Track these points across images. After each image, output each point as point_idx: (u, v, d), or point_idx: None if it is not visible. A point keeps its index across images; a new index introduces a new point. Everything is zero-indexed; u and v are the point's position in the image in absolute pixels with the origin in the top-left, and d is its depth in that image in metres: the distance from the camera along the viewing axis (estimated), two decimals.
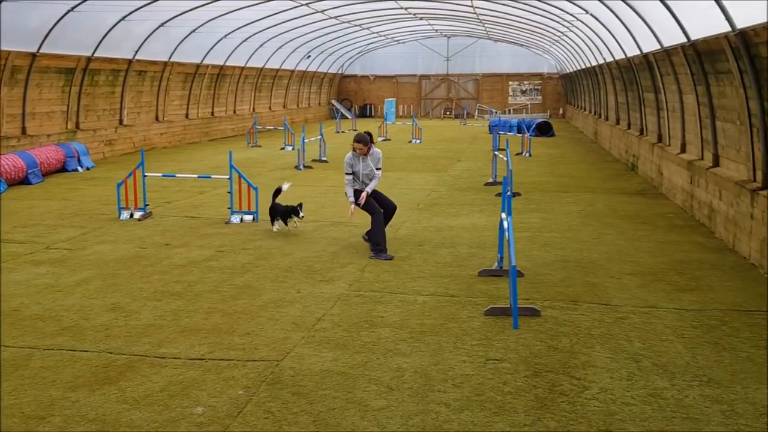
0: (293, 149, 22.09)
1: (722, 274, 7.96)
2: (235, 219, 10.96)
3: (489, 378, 5.22)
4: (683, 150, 12.68)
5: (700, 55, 10.63)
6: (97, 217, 11.42)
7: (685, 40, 10.98)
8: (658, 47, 13.01)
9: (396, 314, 6.67)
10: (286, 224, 10.37)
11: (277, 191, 10.60)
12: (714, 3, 8.66)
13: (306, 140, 19.17)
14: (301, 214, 10.29)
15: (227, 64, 27.34)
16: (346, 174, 8.92)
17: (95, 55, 18.95)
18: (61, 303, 7.01)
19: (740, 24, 8.39)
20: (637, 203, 12.69)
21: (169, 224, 10.89)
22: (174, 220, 11.19)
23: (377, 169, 8.97)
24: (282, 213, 10.37)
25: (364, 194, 8.85)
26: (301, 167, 17.79)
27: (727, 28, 8.70)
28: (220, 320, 6.50)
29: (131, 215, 11.23)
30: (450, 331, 6.22)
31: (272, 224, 10.45)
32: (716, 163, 10.53)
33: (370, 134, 9.01)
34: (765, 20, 7.58)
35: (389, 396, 4.91)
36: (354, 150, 8.87)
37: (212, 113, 27.83)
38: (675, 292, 7.30)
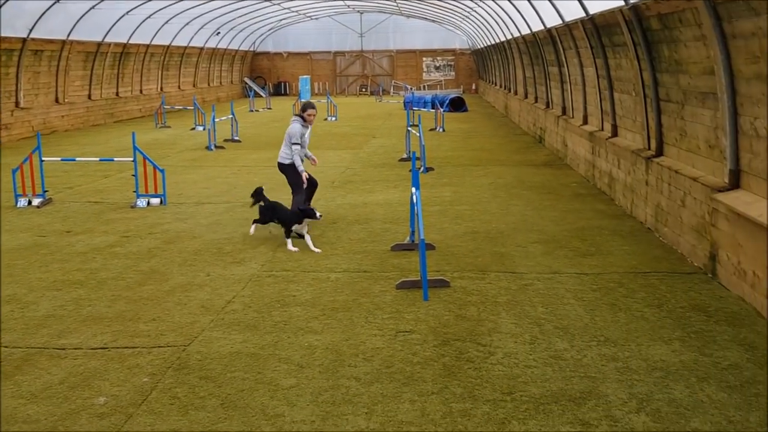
0: (204, 129, 21.49)
1: (620, 239, 8.36)
2: (142, 203, 10.59)
3: (399, 350, 5.29)
4: (585, 122, 13.16)
5: (598, 29, 11.01)
6: None
7: (584, 14, 11.34)
8: (560, 22, 13.39)
9: (308, 292, 6.65)
10: (298, 234, 8.12)
11: (260, 190, 8.77)
12: None
13: (217, 120, 18.70)
14: (318, 214, 8.23)
15: (131, 42, 26.19)
16: (294, 144, 8.87)
17: None
18: None
19: None
20: (543, 174, 13.12)
21: (70, 210, 10.40)
22: (76, 206, 10.70)
23: None
24: (289, 218, 8.13)
25: (305, 175, 8.99)
26: (213, 147, 17.35)
27: (621, 2, 9.03)
28: (125, 307, 6.29)
29: (29, 202, 10.65)
30: (362, 306, 6.26)
31: (252, 227, 8.53)
32: (615, 133, 10.99)
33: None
34: None
35: (299, 374, 4.91)
36: (305, 119, 8.95)
37: (117, 93, 26.65)
38: (577, 258, 7.61)
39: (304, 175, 9.01)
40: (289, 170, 9.10)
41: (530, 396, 4.52)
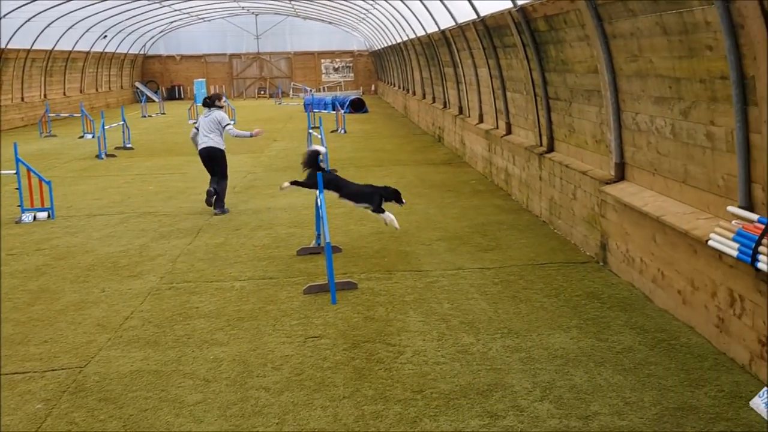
0: (93, 137, 20.46)
1: (518, 233, 8.66)
2: (27, 217, 9.94)
3: (309, 356, 5.24)
4: (481, 120, 13.55)
5: (489, 31, 11.36)
6: None
7: (476, 16, 11.67)
8: (454, 24, 13.72)
9: (212, 303, 6.46)
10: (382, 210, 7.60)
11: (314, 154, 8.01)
12: None
13: (107, 126, 17.85)
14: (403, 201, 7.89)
15: (9, 47, 24.55)
16: (228, 125, 10.26)
17: None
18: None
19: (520, 1, 9.06)
20: (443, 172, 13.39)
21: None
22: None
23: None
24: (385, 195, 7.56)
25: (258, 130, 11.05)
26: (103, 156, 16.55)
27: (509, 4, 9.36)
28: (13, 330, 5.88)
29: None
30: (269, 314, 6.15)
31: (287, 184, 7.86)
32: (509, 131, 11.39)
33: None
34: None
35: (206, 389, 4.75)
36: (221, 107, 10.46)
37: None
38: (478, 253, 7.82)
39: (258, 131, 10.96)
40: (220, 157, 10.22)
41: (440, 392, 4.59)
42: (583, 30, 7.38)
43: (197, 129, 10.27)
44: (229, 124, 10.25)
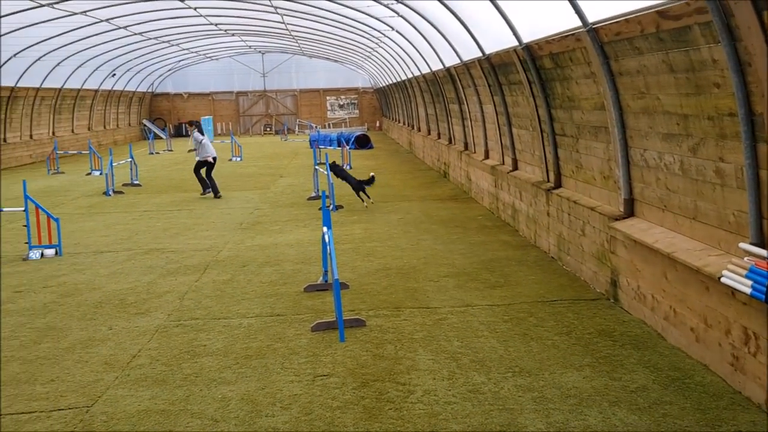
0: (101, 174, 20.62)
1: (527, 269, 8.62)
2: (35, 254, 9.95)
3: (318, 395, 5.17)
4: (487, 156, 13.61)
5: (494, 68, 11.49)
6: None
7: (481, 54, 11.81)
8: (459, 62, 13.88)
9: (220, 341, 6.41)
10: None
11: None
12: (503, 21, 9.40)
13: (115, 163, 17.99)
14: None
15: (19, 85, 24.91)
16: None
17: None
18: None
19: (526, 39, 9.18)
20: (450, 208, 13.41)
21: None
22: None
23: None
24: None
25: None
26: (111, 193, 16.64)
27: (515, 43, 9.48)
28: (19, 369, 5.83)
29: None
30: (277, 351, 6.10)
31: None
32: (515, 167, 11.42)
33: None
34: (544, 36, 8.36)
35: (214, 429, 4.68)
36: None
37: (4, 139, 25.19)
38: (487, 290, 7.77)
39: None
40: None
41: None
42: (589, 67, 7.45)
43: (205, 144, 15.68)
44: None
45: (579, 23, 7.11)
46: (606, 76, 6.90)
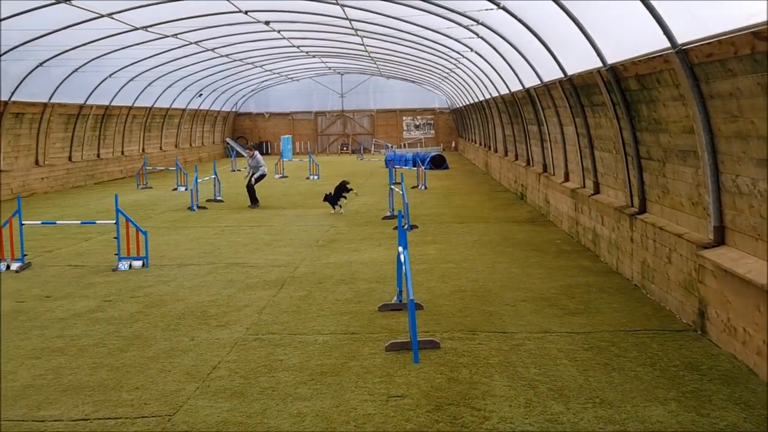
0: (186, 190, 21.44)
1: (608, 296, 8.34)
2: (123, 266, 10.42)
3: (391, 416, 5.15)
4: (567, 179, 13.34)
5: (576, 89, 11.28)
6: None
7: (562, 75, 11.63)
8: (539, 82, 13.72)
9: (296, 356, 6.51)
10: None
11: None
12: (586, 41, 9.24)
13: (199, 180, 18.67)
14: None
15: (113, 104, 26.32)
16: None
17: None
18: None
19: (610, 60, 8.98)
20: (527, 231, 13.18)
21: (50, 275, 10.20)
22: (56, 270, 10.49)
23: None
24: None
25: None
26: (195, 208, 17.27)
27: (599, 64, 9.28)
28: (107, 376, 6.09)
29: (7, 267, 10.43)
30: (351, 370, 6.13)
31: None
32: (597, 190, 11.13)
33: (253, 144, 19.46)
34: (630, 57, 8.15)
35: None
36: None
37: (98, 155, 26.61)
38: (566, 316, 7.57)
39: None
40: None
41: None
42: (677, 90, 7.21)
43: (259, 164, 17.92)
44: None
45: (667, 44, 6.90)
46: (696, 99, 6.66)
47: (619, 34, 8.62)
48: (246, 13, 17.96)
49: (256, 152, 18.27)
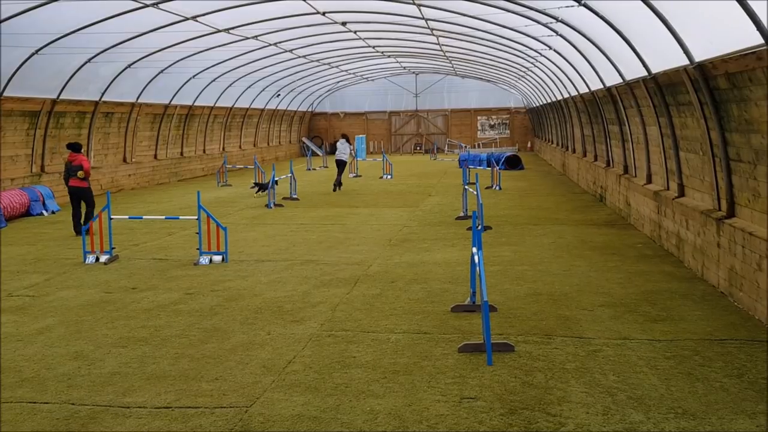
0: (264, 190, 21.93)
1: (692, 304, 8.00)
2: (204, 260, 10.78)
3: (464, 417, 5.12)
4: (649, 181, 12.88)
5: (661, 88, 10.88)
6: (61, 262, 11.14)
7: (646, 73, 11.24)
8: (621, 81, 13.30)
9: (368, 354, 6.56)
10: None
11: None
12: (672, 37, 8.89)
13: (277, 178, 19.10)
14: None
15: (196, 104, 27.28)
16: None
17: (60, 97, 18.76)
18: (21, 353, 6.76)
19: (698, 57, 8.61)
20: (606, 234, 12.81)
21: (135, 267, 10.67)
22: (141, 263, 10.97)
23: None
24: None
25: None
26: (272, 205, 17.67)
27: (686, 61, 8.92)
28: (188, 366, 6.32)
29: (97, 259, 10.99)
30: (424, 369, 6.12)
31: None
32: (682, 193, 10.70)
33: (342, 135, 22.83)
34: (719, 54, 7.79)
35: None
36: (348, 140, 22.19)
37: (181, 153, 27.64)
38: (647, 323, 7.31)
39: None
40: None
41: None
42: None
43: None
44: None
45: (761, 40, 6.56)
46: None
47: (707, 31, 8.25)
48: (323, 14, 18.23)
49: (339, 141, 22.50)
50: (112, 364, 6.40)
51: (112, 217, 11.39)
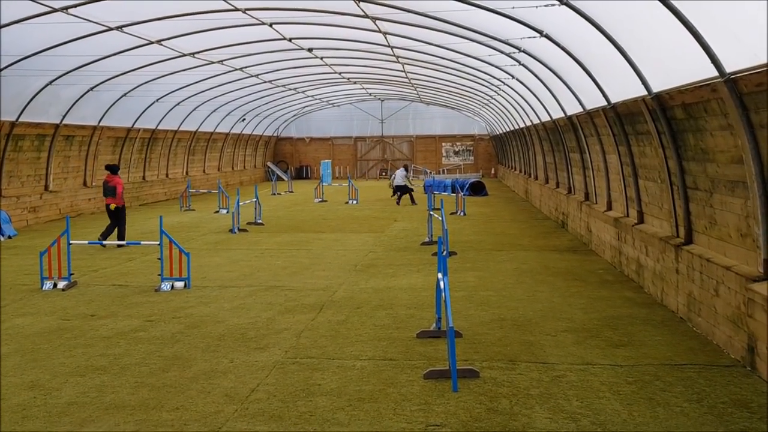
0: (228, 212, 21.77)
1: (653, 329, 8.14)
2: (166, 286, 10.59)
3: None
4: (609, 207, 13.14)
5: (620, 117, 11.16)
6: (17, 288, 10.83)
7: (605, 103, 11.53)
8: (582, 110, 13.62)
9: (334, 381, 6.49)
10: None
11: None
12: (630, 69, 9.16)
13: (241, 203, 18.95)
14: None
15: (159, 127, 27.01)
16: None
17: (20, 120, 18.40)
18: None
19: (656, 88, 8.87)
20: (568, 260, 12.99)
21: (95, 294, 10.42)
22: (100, 289, 10.73)
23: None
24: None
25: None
26: (236, 230, 17.50)
27: (643, 92, 9.18)
28: (148, 395, 6.17)
29: (54, 285, 10.71)
30: (389, 396, 6.09)
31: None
32: (641, 219, 10.94)
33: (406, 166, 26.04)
34: (676, 85, 8.05)
35: None
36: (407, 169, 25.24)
37: (144, 177, 27.26)
38: (609, 348, 7.40)
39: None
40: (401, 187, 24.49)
41: None
42: (725, 119, 7.08)
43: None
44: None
45: (715, 73, 6.80)
46: (745, 129, 6.52)
47: (664, 62, 8.52)
48: (290, 40, 18.32)
49: (398, 171, 25.79)
50: (70, 393, 6.22)
51: (71, 242, 11.14)
